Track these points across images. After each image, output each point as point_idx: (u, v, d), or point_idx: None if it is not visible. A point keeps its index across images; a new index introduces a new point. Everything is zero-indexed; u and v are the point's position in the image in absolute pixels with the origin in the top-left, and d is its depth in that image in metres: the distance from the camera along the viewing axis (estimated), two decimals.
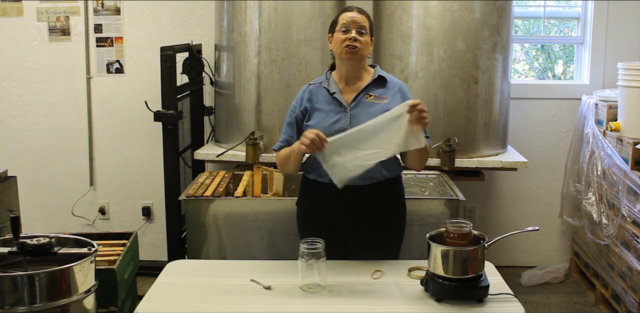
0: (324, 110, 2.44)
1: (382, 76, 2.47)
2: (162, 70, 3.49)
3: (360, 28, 2.39)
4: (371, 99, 2.43)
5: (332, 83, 2.47)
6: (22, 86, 4.25)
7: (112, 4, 4.13)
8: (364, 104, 2.42)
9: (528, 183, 4.23)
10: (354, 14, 2.41)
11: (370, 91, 2.45)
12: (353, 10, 2.44)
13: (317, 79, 2.55)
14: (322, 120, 2.43)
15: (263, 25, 3.46)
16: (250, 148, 3.44)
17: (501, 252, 4.22)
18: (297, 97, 2.53)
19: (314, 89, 2.49)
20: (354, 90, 2.45)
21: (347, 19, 2.40)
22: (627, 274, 3.28)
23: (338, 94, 2.44)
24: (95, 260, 2.12)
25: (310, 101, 2.47)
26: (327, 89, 2.46)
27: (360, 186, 2.40)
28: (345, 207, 2.45)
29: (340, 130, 2.36)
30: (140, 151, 4.28)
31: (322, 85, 2.49)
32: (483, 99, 3.49)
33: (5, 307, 1.91)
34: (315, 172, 2.46)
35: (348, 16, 2.41)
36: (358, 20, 2.39)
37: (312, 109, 2.46)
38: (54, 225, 4.34)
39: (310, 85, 2.53)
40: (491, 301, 2.07)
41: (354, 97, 2.44)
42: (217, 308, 2.06)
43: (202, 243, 3.03)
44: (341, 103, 2.43)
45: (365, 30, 2.40)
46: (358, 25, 2.38)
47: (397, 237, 2.57)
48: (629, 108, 3.42)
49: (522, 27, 4.42)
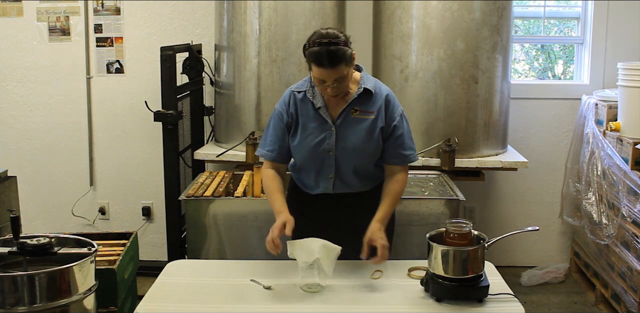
0: (309, 126, 2.38)
1: (368, 89, 2.36)
2: (162, 70, 3.49)
3: (336, 79, 2.23)
4: (357, 114, 2.36)
5: (317, 95, 2.37)
6: (22, 86, 4.25)
7: (112, 4, 4.13)
8: (350, 121, 2.37)
9: (528, 183, 4.23)
10: (327, 70, 2.21)
11: (356, 105, 2.36)
12: (324, 64, 2.20)
13: (301, 85, 2.43)
14: (307, 138, 2.38)
15: (263, 25, 3.46)
16: (250, 148, 3.44)
17: (501, 252, 4.22)
18: (283, 101, 2.42)
19: (299, 99, 2.39)
20: (341, 103, 2.37)
21: (320, 75, 2.23)
22: (627, 274, 3.28)
23: (323, 109, 2.36)
24: (95, 260, 2.12)
25: (296, 111, 2.39)
26: (312, 103, 2.38)
27: (347, 193, 2.43)
28: (330, 213, 2.45)
29: (326, 152, 2.36)
30: (140, 151, 4.28)
31: (306, 95, 2.39)
32: (483, 99, 3.49)
33: (5, 307, 1.91)
34: (303, 184, 2.49)
35: (320, 72, 2.23)
36: (332, 75, 2.22)
37: (297, 122, 2.39)
38: (54, 225, 4.33)
39: (294, 92, 2.41)
40: (491, 301, 2.07)
41: (340, 112, 2.36)
42: (217, 308, 2.06)
43: (202, 243, 3.03)
44: (326, 120, 2.36)
45: (342, 77, 2.24)
46: (334, 78, 2.23)
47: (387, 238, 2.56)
48: (629, 108, 3.42)
49: (522, 27, 4.42)
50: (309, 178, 2.46)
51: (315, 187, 2.45)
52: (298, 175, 2.51)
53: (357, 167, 2.41)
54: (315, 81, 2.29)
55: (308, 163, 2.42)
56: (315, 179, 2.44)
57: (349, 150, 2.37)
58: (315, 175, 2.44)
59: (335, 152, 2.37)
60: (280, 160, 2.47)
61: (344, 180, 2.42)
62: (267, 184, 2.44)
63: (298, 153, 2.42)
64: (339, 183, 2.42)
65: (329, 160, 2.39)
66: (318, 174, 2.43)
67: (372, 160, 2.43)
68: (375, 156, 2.42)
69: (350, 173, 2.41)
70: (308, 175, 2.46)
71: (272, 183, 2.43)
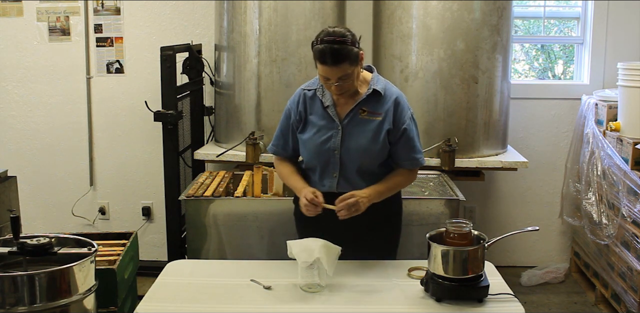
0: (317, 124, 2.41)
1: (377, 90, 2.38)
2: (162, 70, 3.49)
3: (340, 78, 2.25)
4: (365, 115, 2.38)
5: (327, 94, 2.40)
6: (22, 86, 4.25)
7: (112, 4, 4.13)
8: (357, 121, 2.38)
9: (528, 183, 4.23)
10: (330, 68, 2.23)
11: (364, 105, 2.38)
12: (327, 61, 2.22)
13: (312, 83, 2.46)
14: (314, 136, 2.40)
15: (263, 25, 3.46)
16: (250, 148, 3.45)
17: (501, 252, 4.22)
18: (293, 99, 2.48)
19: (309, 97, 2.44)
20: (350, 102, 2.39)
21: (324, 72, 2.26)
22: (627, 274, 3.28)
23: (331, 108, 2.39)
24: (95, 260, 2.12)
25: (305, 110, 2.43)
26: (321, 101, 2.40)
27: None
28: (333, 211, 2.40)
29: (331, 151, 2.38)
30: (140, 151, 4.28)
31: (316, 93, 2.42)
32: (483, 99, 3.49)
33: (5, 307, 1.91)
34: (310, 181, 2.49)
35: (324, 70, 2.25)
36: (335, 73, 2.24)
37: (306, 119, 2.43)
38: (54, 225, 4.33)
39: (304, 91, 2.46)
40: (491, 301, 2.07)
41: (348, 111, 2.38)
42: (217, 308, 2.06)
43: (202, 243, 3.03)
44: (333, 119, 2.38)
45: (346, 75, 2.25)
46: (337, 76, 2.25)
47: (393, 237, 2.58)
48: (629, 108, 3.42)
49: (522, 27, 4.42)
50: (314, 176, 2.48)
51: (320, 185, 2.46)
52: (305, 171, 2.53)
53: (361, 167, 2.41)
54: (320, 78, 2.33)
55: (314, 161, 2.45)
56: (320, 177, 2.46)
57: (354, 150, 2.38)
58: (320, 173, 2.46)
59: (340, 151, 2.39)
60: (284, 154, 2.53)
61: (348, 180, 2.43)
62: (280, 170, 2.54)
63: (305, 149, 2.46)
64: (343, 182, 2.43)
65: (334, 159, 2.40)
66: (323, 172, 2.45)
67: (376, 161, 2.43)
68: (380, 158, 2.42)
69: (355, 173, 2.42)
70: (314, 172, 2.48)
71: (285, 168, 2.52)
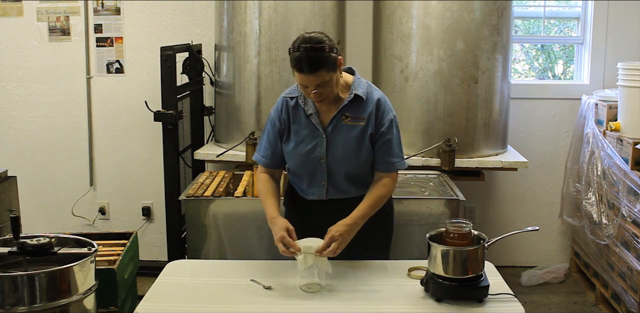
0: (300, 133, 2.36)
1: (358, 95, 2.32)
2: (162, 70, 3.49)
3: (318, 85, 2.19)
4: (348, 120, 2.33)
5: (309, 101, 2.34)
6: (22, 86, 4.25)
7: (112, 4, 4.13)
8: (341, 128, 2.34)
9: (528, 183, 4.23)
10: (307, 76, 2.17)
11: (347, 111, 2.32)
12: (303, 69, 2.16)
13: (292, 90, 2.40)
14: (298, 146, 2.36)
15: (263, 25, 3.46)
16: (250, 148, 3.44)
17: (501, 252, 4.22)
18: (277, 107, 2.40)
19: (291, 105, 2.37)
20: (332, 109, 2.33)
21: (301, 80, 2.21)
22: (627, 274, 3.28)
23: (314, 116, 2.33)
24: (95, 260, 2.12)
25: (289, 118, 2.38)
26: (304, 109, 2.35)
27: (341, 199, 2.41)
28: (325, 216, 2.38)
29: (317, 160, 2.34)
30: (140, 151, 4.28)
31: (298, 101, 2.36)
32: (483, 99, 3.49)
33: (5, 307, 1.91)
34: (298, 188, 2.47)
35: (301, 78, 2.19)
36: (313, 80, 2.18)
37: (290, 128, 2.38)
38: (54, 225, 4.33)
39: (286, 99, 2.39)
40: (491, 301, 2.07)
41: (331, 118, 2.33)
42: (217, 308, 2.06)
43: (202, 243, 3.03)
44: (317, 128, 2.34)
45: (324, 83, 2.20)
46: (315, 83, 2.19)
47: (386, 238, 2.55)
48: (629, 108, 3.42)
49: (522, 27, 4.42)
50: (302, 184, 2.45)
51: (309, 193, 2.44)
52: (293, 178, 2.50)
53: (349, 173, 2.37)
54: (299, 86, 2.28)
55: (301, 170, 2.41)
56: (308, 185, 2.42)
57: (340, 157, 2.34)
58: (307, 182, 2.42)
59: (327, 160, 2.35)
60: (273, 165, 2.46)
61: (337, 187, 2.40)
62: (260, 188, 2.45)
63: (291, 160, 2.42)
64: (332, 190, 2.40)
65: (321, 167, 2.37)
66: (311, 181, 2.41)
67: (364, 167, 2.39)
68: (367, 162, 2.38)
69: (343, 180, 2.39)
70: (301, 181, 2.45)
71: (265, 187, 2.42)
